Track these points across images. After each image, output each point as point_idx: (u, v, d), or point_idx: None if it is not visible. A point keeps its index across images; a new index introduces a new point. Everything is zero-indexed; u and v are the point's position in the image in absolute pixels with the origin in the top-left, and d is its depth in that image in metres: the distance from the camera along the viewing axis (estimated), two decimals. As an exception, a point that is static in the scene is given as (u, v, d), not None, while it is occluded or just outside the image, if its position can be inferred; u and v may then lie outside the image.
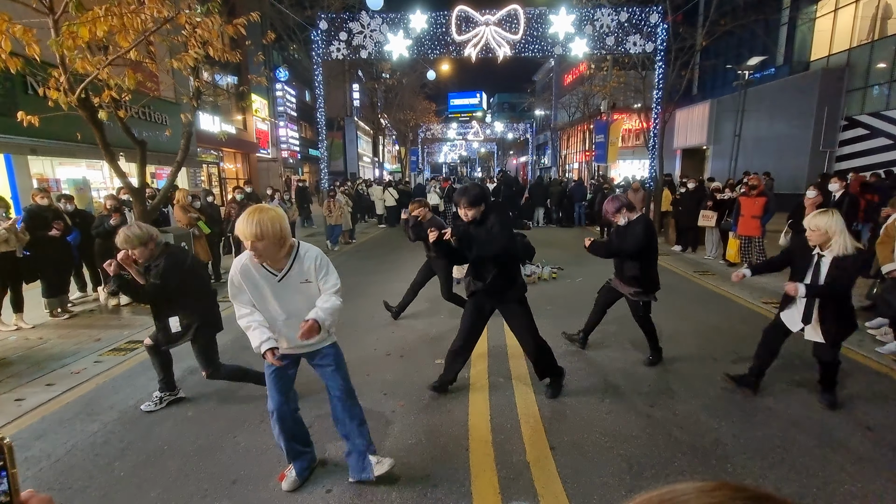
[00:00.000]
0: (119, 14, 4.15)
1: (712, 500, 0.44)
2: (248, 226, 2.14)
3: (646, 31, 10.12)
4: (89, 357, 4.51)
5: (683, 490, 0.46)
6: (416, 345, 4.74)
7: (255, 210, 2.20)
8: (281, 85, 24.91)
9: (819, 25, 17.09)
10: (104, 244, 6.12)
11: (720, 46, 18.17)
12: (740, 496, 0.44)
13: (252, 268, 2.31)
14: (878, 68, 14.76)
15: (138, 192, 5.92)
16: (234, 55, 5.78)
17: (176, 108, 13.29)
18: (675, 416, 3.25)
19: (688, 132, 22.97)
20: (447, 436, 3.06)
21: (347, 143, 31.54)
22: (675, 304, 6.08)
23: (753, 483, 2.53)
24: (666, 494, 0.46)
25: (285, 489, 2.53)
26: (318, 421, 3.20)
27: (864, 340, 4.50)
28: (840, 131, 15.87)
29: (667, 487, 0.47)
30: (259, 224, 2.14)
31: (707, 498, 0.44)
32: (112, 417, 3.36)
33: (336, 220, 10.95)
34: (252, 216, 2.16)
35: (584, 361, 4.25)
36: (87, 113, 5.00)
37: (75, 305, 6.25)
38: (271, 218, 2.18)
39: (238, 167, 21.97)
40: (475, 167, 64.69)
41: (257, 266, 2.30)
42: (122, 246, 3.03)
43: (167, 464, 2.80)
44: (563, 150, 37.57)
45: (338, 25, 10.30)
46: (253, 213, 2.18)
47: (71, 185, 9.58)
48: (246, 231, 2.15)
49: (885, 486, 2.51)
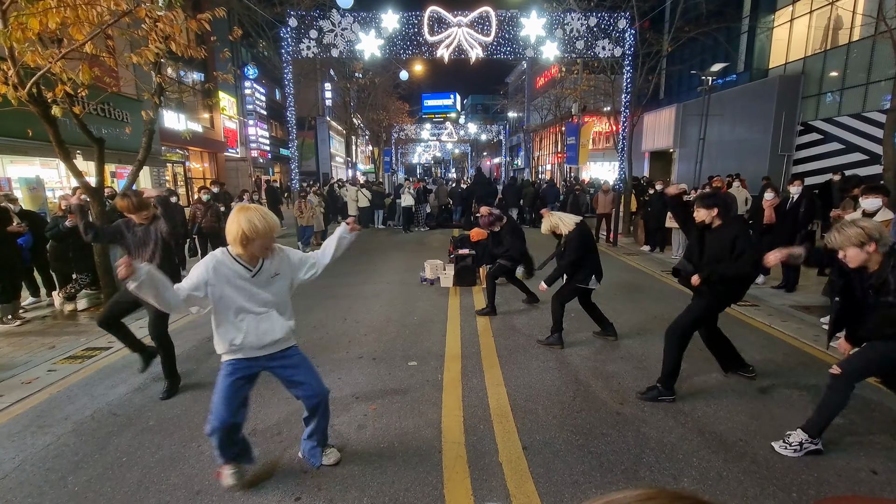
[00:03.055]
0: (73, 5, 3.95)
1: None
2: (259, 223, 2.16)
3: (614, 36, 10.35)
4: (42, 366, 4.28)
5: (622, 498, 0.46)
6: (388, 347, 4.69)
7: (248, 208, 2.21)
8: (250, 83, 24.33)
9: (776, 34, 17.86)
10: (59, 247, 5.83)
11: (685, 53, 18.76)
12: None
13: (227, 262, 2.28)
14: (831, 76, 15.53)
15: (96, 192, 5.65)
16: (199, 51, 5.60)
17: (137, 105, 12.74)
18: (644, 413, 3.32)
19: (655, 135, 23.59)
20: (420, 438, 3.03)
21: (319, 142, 31.11)
22: (643, 302, 6.23)
23: (715, 480, 2.60)
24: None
25: (227, 484, 2.50)
26: (287, 427, 3.12)
27: (820, 336, 4.71)
28: (797, 136, 16.63)
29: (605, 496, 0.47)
30: (264, 218, 2.18)
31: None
32: (66, 429, 3.19)
33: (307, 220, 10.77)
34: (251, 213, 2.18)
35: (556, 360, 4.30)
36: (39, 109, 4.74)
37: (27, 312, 5.92)
38: (265, 213, 2.22)
39: (205, 167, 21.30)
40: (449, 168, 64.83)
41: (232, 262, 2.27)
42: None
43: (126, 476, 2.67)
44: (536, 151, 38.09)
45: (308, 23, 10.13)
46: (249, 210, 2.19)
47: (23, 184, 9.06)
48: (254, 228, 2.15)
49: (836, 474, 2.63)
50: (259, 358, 2.43)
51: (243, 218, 2.16)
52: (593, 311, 4.81)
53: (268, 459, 2.80)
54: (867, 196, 4.51)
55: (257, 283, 2.33)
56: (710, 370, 3.96)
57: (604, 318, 4.79)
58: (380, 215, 15.91)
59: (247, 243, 2.20)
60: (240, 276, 2.29)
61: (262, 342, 2.37)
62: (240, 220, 2.16)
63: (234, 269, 2.28)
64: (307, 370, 2.53)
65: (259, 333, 2.35)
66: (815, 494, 2.45)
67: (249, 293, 2.32)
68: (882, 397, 3.43)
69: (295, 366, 2.51)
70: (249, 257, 2.29)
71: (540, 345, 4.64)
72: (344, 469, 2.71)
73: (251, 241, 2.19)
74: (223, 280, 2.27)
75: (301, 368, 2.52)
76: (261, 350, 2.40)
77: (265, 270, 2.35)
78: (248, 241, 2.19)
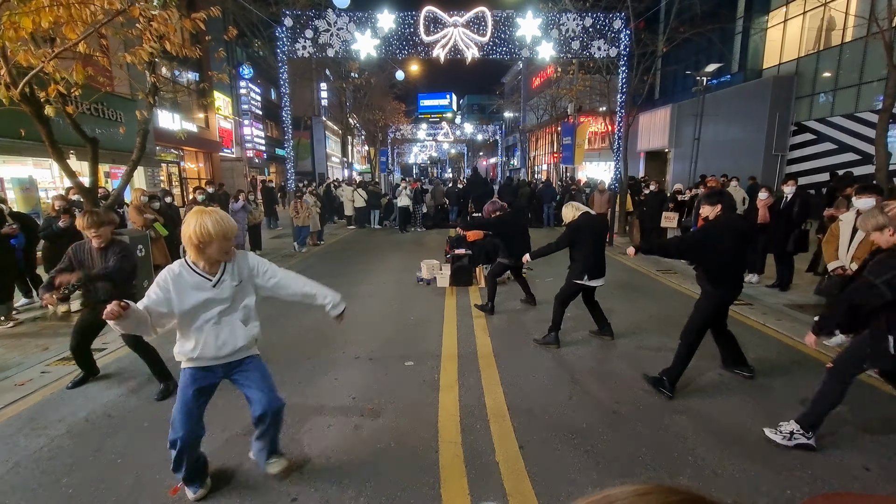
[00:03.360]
0: (66, 4, 3.92)
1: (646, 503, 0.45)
2: (211, 225, 2.08)
3: (609, 37, 10.38)
4: (36, 367, 4.25)
5: (618, 494, 0.47)
6: (384, 347, 4.69)
7: (203, 211, 2.13)
8: (245, 82, 24.20)
9: (770, 35, 17.97)
10: (52, 247, 5.79)
11: (680, 53, 18.83)
12: (673, 499, 0.46)
13: (185, 274, 2.21)
14: (824, 77, 15.65)
15: (90, 192, 5.61)
16: (194, 51, 5.57)
17: (131, 105, 12.68)
18: (640, 412, 3.34)
19: (650, 135, 23.69)
20: (416, 438, 3.03)
21: (315, 142, 30.98)
22: (639, 301, 6.26)
23: (710, 477, 2.62)
24: (602, 500, 0.47)
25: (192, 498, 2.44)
26: (285, 430, 3.11)
27: (813, 334, 4.75)
28: (790, 136, 16.74)
29: (602, 492, 0.48)
30: (220, 222, 2.11)
31: (641, 502, 0.46)
32: (60, 431, 3.16)
33: (303, 221, 10.74)
34: (205, 216, 2.10)
35: (552, 360, 4.31)
36: (32, 108, 4.71)
37: (20, 313, 5.88)
38: (222, 216, 2.15)
39: (200, 167, 21.20)
40: (445, 168, 64.82)
41: (191, 272, 2.22)
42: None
43: (120, 478, 2.66)
44: (532, 151, 38.12)
45: (303, 23, 10.10)
46: (203, 213, 2.11)
47: (15, 184, 8.99)
48: (206, 231, 2.08)
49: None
50: (215, 367, 2.38)
51: (197, 221, 2.09)
52: (595, 310, 4.82)
53: (264, 460, 2.79)
54: (861, 196, 4.54)
55: (218, 292, 2.26)
56: (707, 369, 3.98)
57: (603, 317, 4.81)
58: (376, 215, 15.90)
59: (203, 248, 2.13)
60: (199, 287, 2.22)
61: (221, 353, 2.32)
62: (193, 224, 2.09)
63: (192, 281, 2.21)
64: (260, 382, 2.44)
65: (218, 344, 2.30)
66: (809, 491, 2.47)
67: (209, 302, 2.25)
68: (875, 394, 3.46)
69: (248, 377, 2.44)
70: (207, 264, 2.22)
71: (536, 344, 4.65)
72: (340, 469, 2.71)
73: (207, 245, 2.13)
74: (183, 292, 2.20)
75: (254, 380, 2.44)
76: (218, 360, 2.36)
77: (226, 279, 2.28)
78: (203, 245, 2.12)
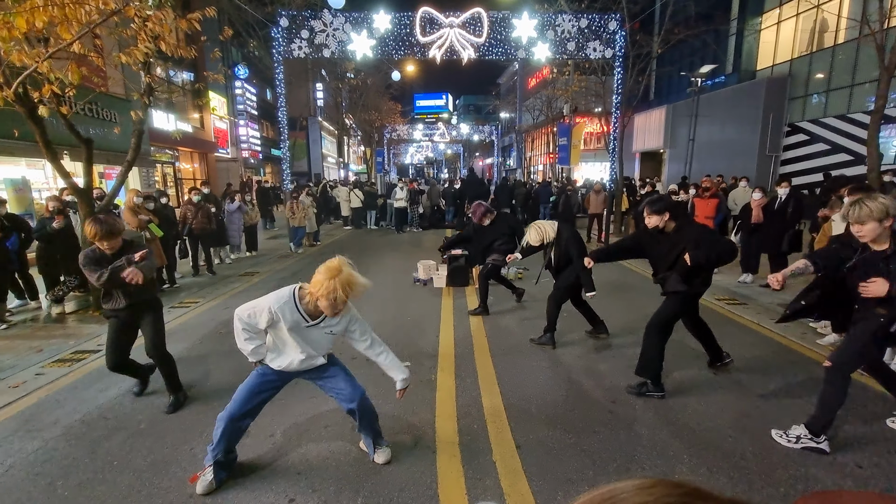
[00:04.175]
0: (60, 4, 3.90)
1: (650, 497, 0.46)
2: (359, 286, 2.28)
3: (605, 38, 10.45)
4: (30, 369, 4.22)
5: (623, 488, 0.47)
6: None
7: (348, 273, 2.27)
8: (240, 83, 24.10)
9: (764, 37, 18.11)
10: (47, 248, 5.76)
11: (675, 54, 18.94)
12: (676, 492, 0.46)
13: (289, 307, 2.38)
14: (817, 78, 15.78)
15: (84, 193, 5.58)
16: (189, 51, 5.55)
17: (126, 105, 12.59)
18: (636, 411, 3.36)
19: (646, 136, 23.79)
20: (413, 438, 3.04)
21: (311, 143, 30.93)
22: (634, 301, 6.29)
23: (705, 476, 2.64)
24: (606, 494, 0.48)
25: (199, 492, 2.49)
26: (280, 429, 3.11)
27: (808, 333, 4.80)
28: (784, 137, 16.87)
29: (607, 486, 0.48)
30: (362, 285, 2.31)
31: (645, 495, 0.46)
32: (55, 433, 3.15)
33: (299, 221, 10.71)
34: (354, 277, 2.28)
35: (548, 359, 4.33)
36: (26, 109, 4.69)
37: (14, 315, 5.83)
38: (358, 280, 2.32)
39: (195, 167, 21.08)
40: (441, 168, 64.85)
41: (293, 310, 2.38)
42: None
43: (117, 480, 2.64)
44: (528, 152, 38.22)
45: (299, 23, 10.09)
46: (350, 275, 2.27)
47: (8, 185, 8.92)
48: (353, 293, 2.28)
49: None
50: (293, 373, 2.61)
51: (344, 282, 2.21)
52: (585, 310, 4.85)
53: (261, 461, 2.79)
54: (853, 196, 4.59)
55: (308, 331, 2.46)
56: (701, 368, 4.01)
57: (595, 316, 4.83)
58: (372, 216, 15.88)
59: (335, 304, 2.26)
60: (297, 324, 2.42)
61: (302, 368, 2.57)
62: (340, 283, 2.21)
63: (294, 318, 2.40)
64: (339, 379, 2.66)
65: (301, 365, 2.55)
66: (803, 489, 2.50)
67: (299, 338, 2.46)
68: (866, 392, 3.49)
69: (329, 377, 2.67)
70: (315, 310, 2.40)
71: (533, 344, 4.66)
72: (338, 470, 2.71)
73: (341, 302, 2.27)
74: (285, 320, 2.39)
75: (334, 378, 2.67)
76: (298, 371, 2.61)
77: (322, 326, 2.47)
78: (337, 302, 2.26)
